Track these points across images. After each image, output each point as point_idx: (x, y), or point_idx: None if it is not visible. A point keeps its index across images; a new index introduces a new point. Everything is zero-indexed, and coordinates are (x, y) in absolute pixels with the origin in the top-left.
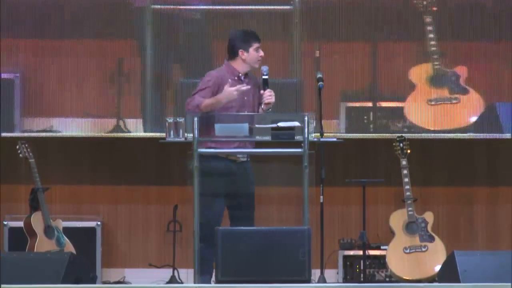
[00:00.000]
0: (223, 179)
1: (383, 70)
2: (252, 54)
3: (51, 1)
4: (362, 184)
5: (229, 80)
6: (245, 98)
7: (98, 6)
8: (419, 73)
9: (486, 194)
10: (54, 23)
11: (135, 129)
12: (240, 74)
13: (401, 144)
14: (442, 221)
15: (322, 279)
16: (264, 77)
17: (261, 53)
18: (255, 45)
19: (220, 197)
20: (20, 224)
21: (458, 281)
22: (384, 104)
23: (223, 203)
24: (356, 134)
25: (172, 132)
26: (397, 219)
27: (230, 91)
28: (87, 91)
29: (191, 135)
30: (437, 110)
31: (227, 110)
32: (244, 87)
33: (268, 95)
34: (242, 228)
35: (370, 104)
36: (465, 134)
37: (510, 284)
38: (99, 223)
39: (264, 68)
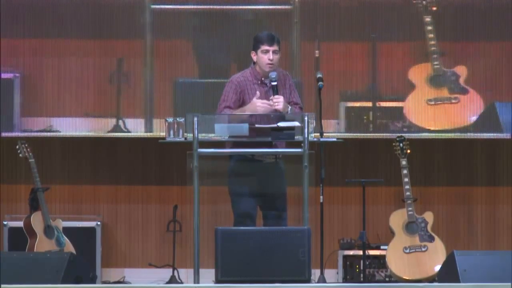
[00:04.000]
0: (249, 179)
1: (383, 70)
2: (259, 57)
3: (51, 1)
4: (362, 184)
5: (253, 85)
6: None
7: (98, 6)
8: (418, 73)
9: (485, 194)
10: (54, 23)
11: (135, 129)
12: (263, 78)
13: (401, 144)
14: (442, 221)
15: (322, 279)
16: (272, 83)
17: (270, 55)
18: (262, 47)
19: (247, 197)
20: (20, 224)
21: (458, 281)
22: (384, 104)
23: (254, 203)
24: (356, 134)
25: (172, 132)
26: (397, 219)
27: (255, 106)
28: (87, 91)
29: (191, 135)
30: (436, 110)
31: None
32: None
33: (275, 102)
34: (242, 228)
35: (369, 104)
36: (465, 134)
37: (510, 284)
38: (99, 223)
39: (273, 75)
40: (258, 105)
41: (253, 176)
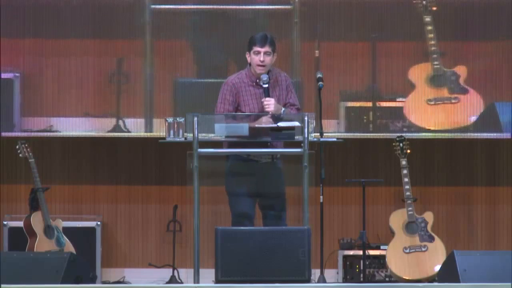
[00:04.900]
0: (246, 179)
1: (382, 70)
2: (252, 58)
3: (51, 1)
4: (362, 184)
5: (248, 87)
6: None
7: (98, 6)
8: (418, 73)
9: (485, 194)
10: (54, 23)
11: (135, 129)
12: (258, 80)
13: (401, 144)
14: (442, 221)
15: (322, 279)
16: (263, 85)
17: (261, 57)
18: (254, 48)
19: (244, 197)
20: (20, 224)
21: (458, 281)
22: (384, 104)
23: (251, 203)
24: (356, 134)
25: (172, 132)
26: (397, 219)
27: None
28: (87, 91)
29: (191, 135)
30: (436, 110)
31: (246, 116)
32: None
33: (265, 104)
34: (242, 228)
35: (369, 104)
36: (465, 134)
37: (510, 284)
38: (99, 223)
39: (264, 77)
40: (264, 122)
41: (250, 176)
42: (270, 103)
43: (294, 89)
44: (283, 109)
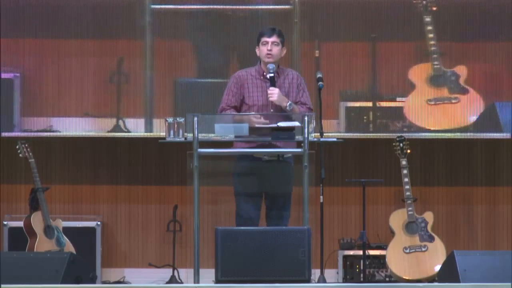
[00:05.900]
0: (250, 178)
1: (383, 70)
2: (260, 50)
3: (51, 1)
4: (362, 184)
5: (255, 80)
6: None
7: (98, 6)
8: (418, 73)
9: (485, 194)
10: (54, 23)
11: (135, 129)
12: (265, 73)
13: (401, 144)
14: (442, 221)
15: (322, 279)
16: (269, 75)
17: (268, 46)
18: (262, 39)
19: (248, 196)
20: (20, 224)
21: (458, 281)
22: (384, 104)
23: (256, 206)
24: (356, 134)
25: (172, 132)
26: (397, 219)
27: (252, 121)
28: (87, 91)
29: (191, 135)
30: (436, 110)
31: (250, 109)
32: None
33: (269, 93)
34: (242, 228)
35: (370, 104)
36: (465, 134)
37: (510, 284)
38: (99, 223)
39: (270, 66)
40: (254, 121)
41: (255, 176)
42: (273, 93)
43: (306, 88)
44: (289, 102)
